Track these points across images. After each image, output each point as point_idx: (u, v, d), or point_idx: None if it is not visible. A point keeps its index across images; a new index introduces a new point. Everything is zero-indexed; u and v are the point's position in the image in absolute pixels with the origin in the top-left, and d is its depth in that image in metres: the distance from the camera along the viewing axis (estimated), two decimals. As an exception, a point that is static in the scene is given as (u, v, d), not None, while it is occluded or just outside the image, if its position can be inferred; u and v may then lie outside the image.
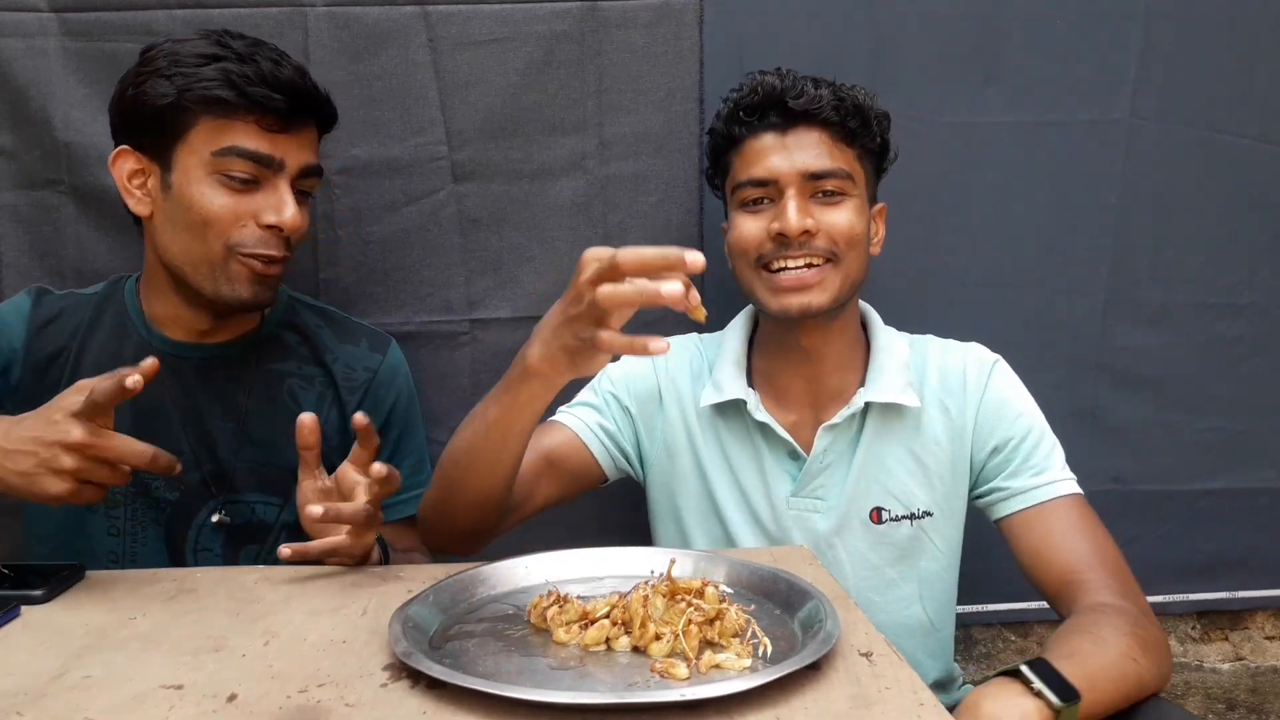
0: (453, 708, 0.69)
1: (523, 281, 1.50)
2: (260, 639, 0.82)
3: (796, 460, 1.24)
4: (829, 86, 1.19)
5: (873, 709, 0.69)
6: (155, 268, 1.21)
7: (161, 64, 1.11)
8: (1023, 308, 1.55)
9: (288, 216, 1.13)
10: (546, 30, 1.44)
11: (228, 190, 1.12)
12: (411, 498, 1.31)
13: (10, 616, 0.87)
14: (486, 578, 0.93)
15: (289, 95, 1.12)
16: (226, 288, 1.15)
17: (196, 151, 1.12)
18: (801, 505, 1.23)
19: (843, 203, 1.18)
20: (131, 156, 1.15)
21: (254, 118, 1.11)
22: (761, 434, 1.25)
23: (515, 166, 1.47)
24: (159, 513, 1.21)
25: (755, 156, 1.19)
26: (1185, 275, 1.57)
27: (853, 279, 1.20)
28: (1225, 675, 1.74)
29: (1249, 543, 1.65)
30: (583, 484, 1.30)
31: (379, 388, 1.31)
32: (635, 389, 1.31)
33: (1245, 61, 1.53)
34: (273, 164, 1.13)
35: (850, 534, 1.23)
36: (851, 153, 1.20)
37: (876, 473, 1.23)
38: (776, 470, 1.25)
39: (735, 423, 1.27)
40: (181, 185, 1.13)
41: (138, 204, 1.16)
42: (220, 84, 1.10)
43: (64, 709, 0.70)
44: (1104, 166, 1.54)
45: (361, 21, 1.42)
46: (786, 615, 0.86)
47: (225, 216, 1.12)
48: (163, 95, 1.10)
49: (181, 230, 1.14)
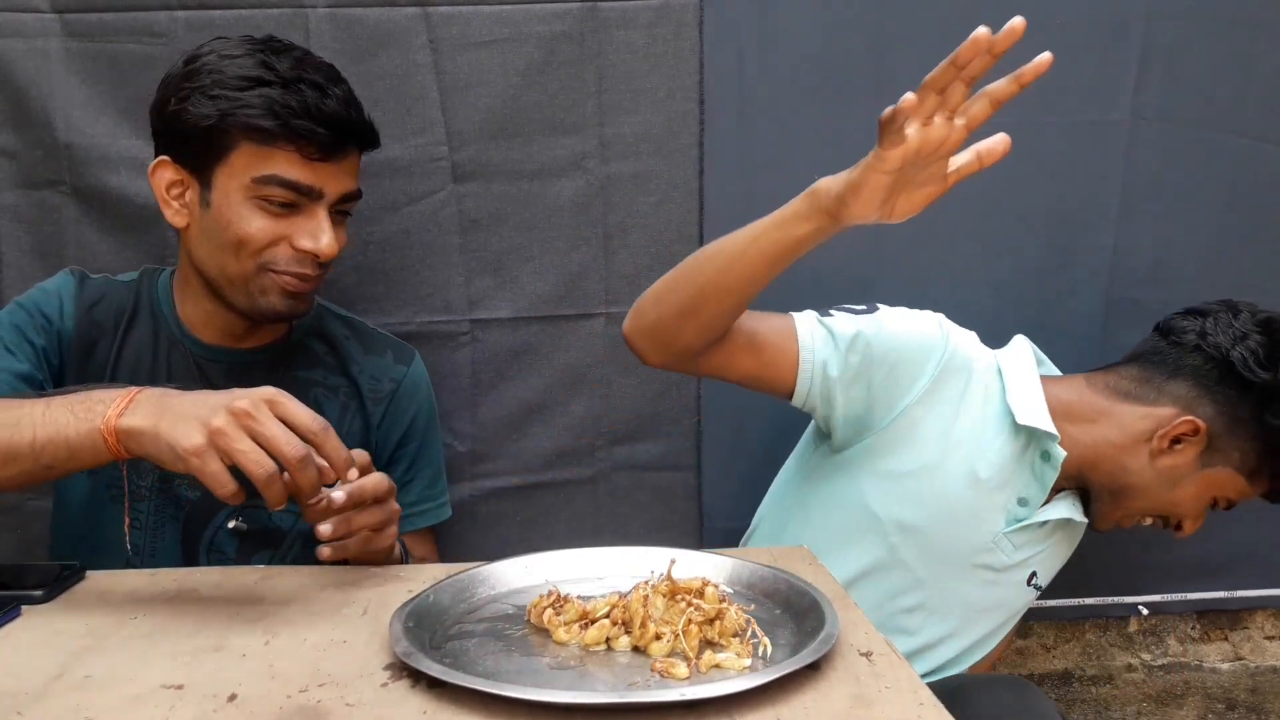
0: (453, 707, 0.69)
1: (523, 281, 1.50)
2: (261, 639, 0.82)
3: (1026, 506, 1.27)
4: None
5: (873, 709, 0.69)
6: (190, 273, 1.20)
7: (205, 81, 1.10)
8: (1023, 308, 1.55)
9: (324, 244, 1.14)
10: (547, 31, 1.44)
11: (266, 214, 1.12)
12: (429, 509, 1.31)
13: (10, 616, 0.87)
14: (486, 578, 0.93)
15: (332, 129, 1.11)
16: (261, 299, 1.16)
17: (237, 175, 1.11)
18: (1002, 543, 1.27)
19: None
20: (171, 168, 1.15)
21: (295, 147, 1.11)
22: (1041, 470, 1.25)
23: (515, 167, 1.47)
24: (179, 510, 1.20)
25: None
26: (1185, 275, 1.57)
27: None
28: (1225, 675, 1.74)
29: (1249, 543, 1.64)
30: (773, 387, 1.22)
31: (401, 399, 1.31)
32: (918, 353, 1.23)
33: (1245, 61, 1.53)
34: (312, 193, 1.13)
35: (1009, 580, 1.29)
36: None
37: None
38: (1013, 504, 1.27)
39: (1021, 444, 1.25)
40: (221, 206, 1.12)
41: (175, 215, 1.16)
42: (263, 113, 1.08)
43: (64, 709, 0.70)
44: (1104, 166, 1.54)
45: (362, 22, 1.42)
46: (786, 615, 0.86)
47: (261, 239, 1.12)
48: (205, 116, 1.09)
49: (216, 247, 1.14)
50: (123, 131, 1.41)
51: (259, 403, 0.83)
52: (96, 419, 0.85)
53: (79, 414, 0.87)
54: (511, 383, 1.51)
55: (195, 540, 1.21)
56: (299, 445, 0.83)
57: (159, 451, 0.83)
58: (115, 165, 1.41)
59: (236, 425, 0.82)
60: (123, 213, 1.43)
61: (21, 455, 0.88)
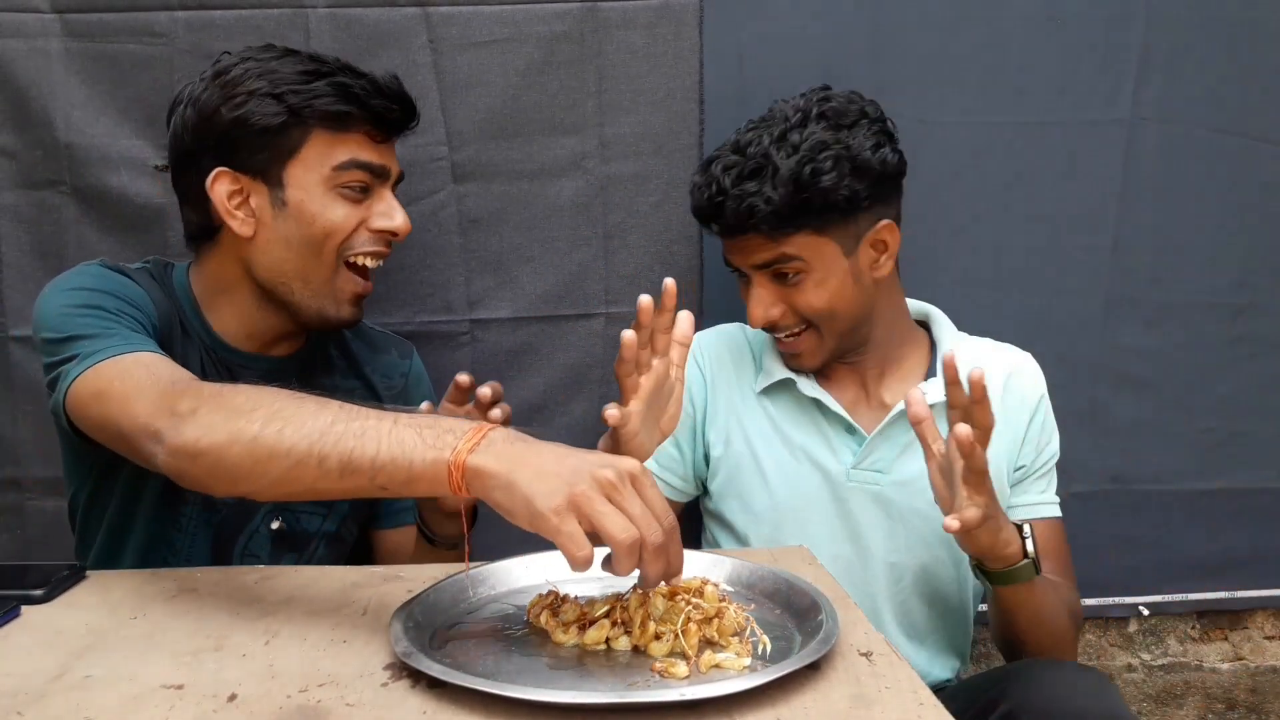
0: (453, 707, 0.69)
1: (523, 281, 1.50)
2: (261, 638, 0.82)
3: (853, 435, 1.28)
4: (755, 193, 1.16)
5: (872, 709, 0.69)
6: (231, 281, 1.17)
7: (259, 85, 1.10)
8: (1023, 308, 1.55)
9: (399, 222, 1.17)
10: (547, 31, 1.44)
11: (346, 201, 1.14)
12: None
13: (11, 616, 0.87)
14: (486, 578, 0.94)
15: (401, 104, 1.15)
16: (332, 307, 1.16)
17: (314, 168, 1.12)
18: (861, 478, 1.27)
19: (801, 282, 1.21)
20: (228, 177, 1.13)
21: (364, 130, 1.13)
22: (818, 409, 1.29)
23: (515, 166, 1.47)
24: (214, 514, 1.19)
25: (723, 245, 1.27)
26: (1185, 275, 1.57)
27: (841, 328, 1.25)
28: (1225, 675, 1.74)
29: (1249, 543, 1.65)
30: None
31: (410, 393, 1.33)
32: (692, 393, 1.35)
33: (1245, 61, 1.53)
34: (384, 173, 1.16)
35: (911, 502, 1.26)
36: (802, 234, 1.19)
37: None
38: (837, 443, 1.29)
39: (787, 402, 1.31)
40: (301, 201, 1.12)
41: (241, 225, 1.13)
42: (338, 99, 1.10)
43: (64, 709, 0.70)
44: (1104, 166, 1.54)
45: (362, 23, 1.42)
46: (786, 615, 0.86)
47: (347, 226, 1.14)
48: (273, 114, 1.09)
49: (297, 246, 1.13)
50: (123, 131, 1.41)
51: (625, 476, 0.77)
52: (445, 450, 0.79)
53: (427, 439, 0.80)
54: (511, 383, 1.51)
55: (229, 545, 1.20)
56: (659, 532, 0.76)
57: (510, 501, 0.77)
58: (115, 165, 1.41)
59: (600, 494, 0.76)
60: (123, 213, 1.43)
61: (360, 470, 0.81)
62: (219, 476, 0.86)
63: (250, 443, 0.83)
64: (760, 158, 1.18)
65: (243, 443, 0.83)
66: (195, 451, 0.85)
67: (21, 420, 1.45)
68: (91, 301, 1.06)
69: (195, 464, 0.86)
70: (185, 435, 0.86)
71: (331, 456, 0.81)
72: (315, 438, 0.82)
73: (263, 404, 0.85)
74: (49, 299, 1.07)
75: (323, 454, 0.81)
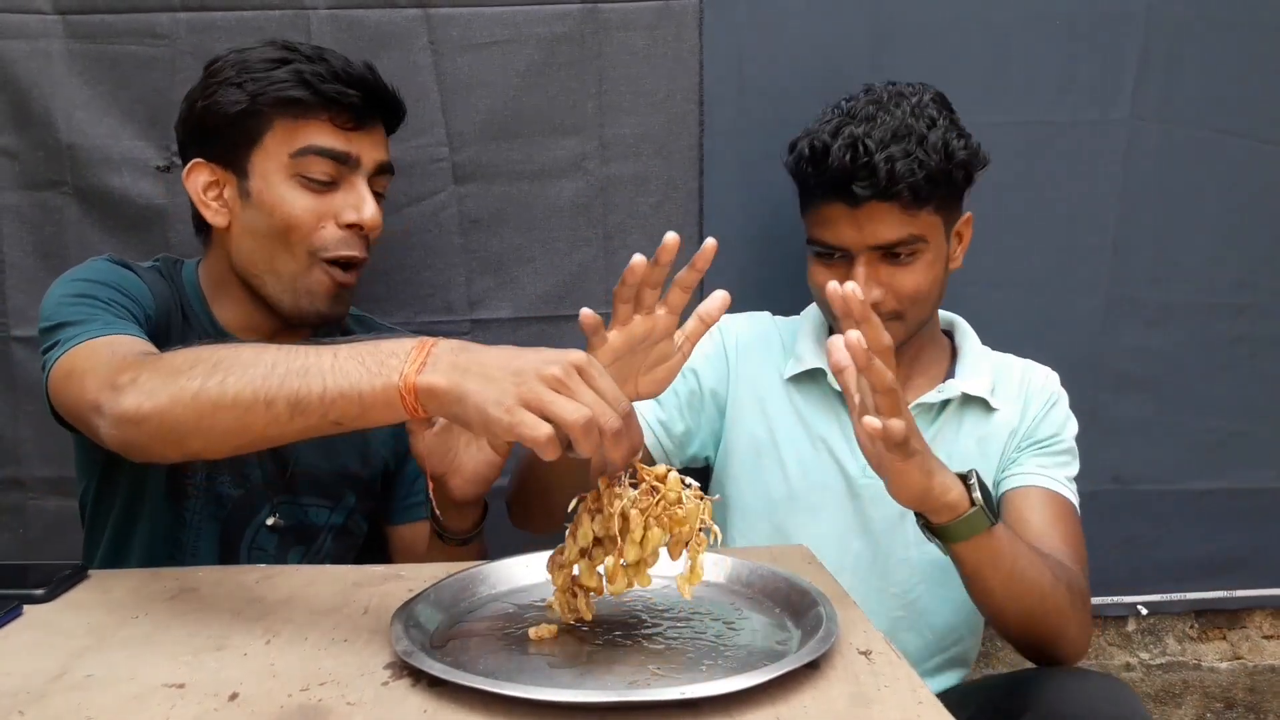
0: (454, 706, 0.69)
1: (523, 282, 1.50)
2: (262, 638, 0.82)
3: None
4: (906, 154, 1.12)
5: (872, 708, 0.69)
6: (227, 275, 1.18)
7: (229, 73, 1.11)
8: (1023, 308, 1.55)
9: (368, 215, 1.13)
10: (547, 32, 1.44)
11: (308, 192, 1.12)
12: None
13: (11, 616, 0.87)
14: (486, 577, 0.94)
15: (362, 90, 1.13)
16: (306, 301, 1.15)
17: (273, 155, 1.12)
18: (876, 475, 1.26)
19: (914, 263, 1.18)
20: (205, 168, 1.14)
21: (328, 116, 1.12)
22: (842, 403, 1.27)
23: (516, 167, 1.48)
24: (220, 509, 1.19)
25: (826, 222, 1.19)
26: (1185, 275, 1.57)
27: (922, 317, 1.23)
28: (1223, 674, 1.74)
29: (1248, 542, 1.65)
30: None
31: None
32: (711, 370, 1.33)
33: (1245, 61, 1.53)
34: (349, 161, 1.14)
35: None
36: (929, 209, 1.16)
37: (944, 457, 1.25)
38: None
39: (814, 393, 1.30)
40: (261, 191, 1.12)
41: (215, 215, 1.14)
42: (293, 84, 1.10)
43: (65, 708, 0.70)
44: (1104, 166, 1.54)
45: (363, 24, 1.42)
46: (786, 615, 0.87)
47: (307, 219, 1.12)
48: (235, 102, 1.10)
49: (263, 239, 1.13)
50: (125, 133, 1.41)
51: (570, 369, 0.76)
52: (393, 374, 0.77)
53: (371, 367, 0.79)
54: (512, 383, 1.51)
55: (237, 539, 1.20)
56: (614, 417, 0.75)
57: (464, 413, 0.76)
58: (117, 166, 1.42)
59: (548, 388, 0.75)
60: (124, 213, 1.43)
61: (310, 408, 0.79)
62: (166, 439, 0.84)
63: (192, 399, 0.81)
64: (903, 125, 1.13)
65: (184, 401, 0.82)
66: (138, 418, 0.84)
67: (23, 420, 1.45)
68: (86, 291, 1.06)
69: (140, 430, 0.85)
70: (124, 404, 0.84)
71: (279, 399, 0.79)
72: (259, 383, 0.80)
73: (201, 359, 0.83)
74: (51, 292, 1.08)
75: (269, 398, 0.80)
